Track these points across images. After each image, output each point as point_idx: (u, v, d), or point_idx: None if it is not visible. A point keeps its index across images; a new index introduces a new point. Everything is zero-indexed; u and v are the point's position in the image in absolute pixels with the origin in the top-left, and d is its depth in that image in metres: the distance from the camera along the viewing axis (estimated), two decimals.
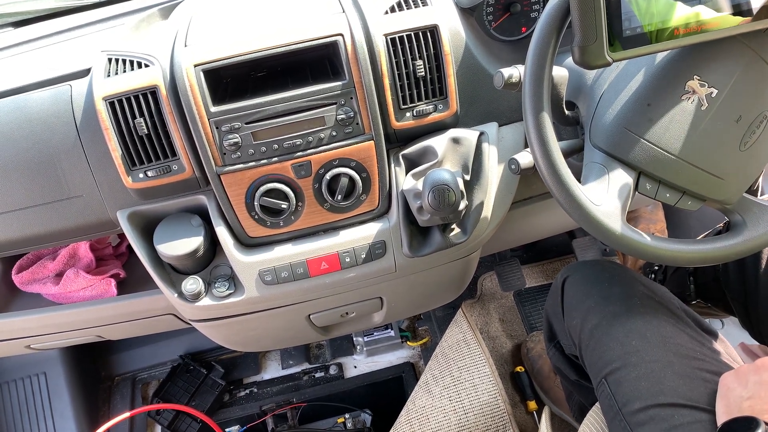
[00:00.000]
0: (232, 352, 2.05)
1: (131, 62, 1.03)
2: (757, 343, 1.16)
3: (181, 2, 1.27)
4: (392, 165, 1.09)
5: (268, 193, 1.05)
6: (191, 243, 1.06)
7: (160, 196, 1.08)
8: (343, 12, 1.03)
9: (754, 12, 0.78)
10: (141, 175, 1.03)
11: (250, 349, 1.38)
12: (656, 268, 1.61)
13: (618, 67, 0.93)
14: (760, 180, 1.08)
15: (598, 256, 1.93)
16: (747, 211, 0.92)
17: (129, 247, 1.39)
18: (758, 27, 0.80)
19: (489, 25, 1.18)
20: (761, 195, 1.63)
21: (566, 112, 1.00)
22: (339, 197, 1.06)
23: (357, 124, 1.03)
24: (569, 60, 1.07)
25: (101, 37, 1.22)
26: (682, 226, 1.88)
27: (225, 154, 1.02)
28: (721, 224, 1.35)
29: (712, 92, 0.85)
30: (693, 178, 0.87)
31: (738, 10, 0.78)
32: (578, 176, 0.88)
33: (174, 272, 1.14)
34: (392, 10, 1.05)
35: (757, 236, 0.90)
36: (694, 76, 0.85)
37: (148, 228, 1.11)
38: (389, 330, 2.01)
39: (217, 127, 1.01)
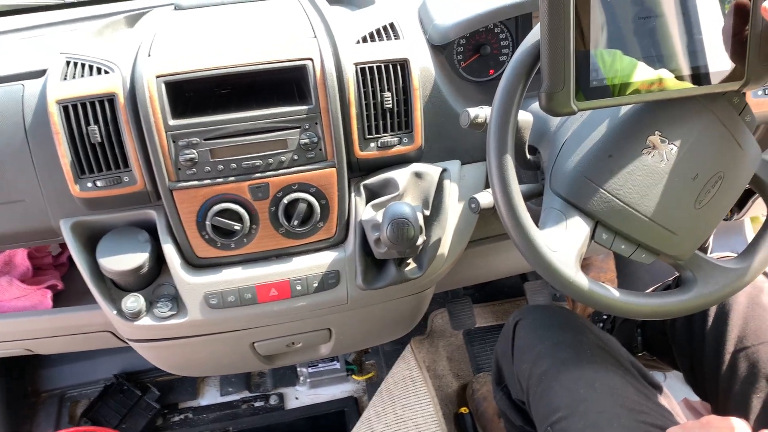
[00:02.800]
0: (169, 374, 1.97)
1: (90, 67, 0.99)
2: (700, 400, 1.17)
3: (149, 11, 1.24)
4: (352, 194, 1.08)
5: (222, 213, 1.01)
6: (136, 259, 1.02)
7: (108, 207, 1.04)
8: (315, 37, 1.02)
9: (712, 80, 0.80)
10: (89, 185, 0.99)
11: (188, 373, 1.33)
12: (605, 317, 1.62)
13: (582, 116, 0.94)
14: (710, 238, 1.10)
15: (549, 301, 1.94)
16: (698, 268, 0.93)
17: (70, 257, 1.33)
18: (716, 90, 0.82)
19: (458, 64, 1.19)
20: (710, 253, 1.68)
21: (528, 156, 1.01)
22: (295, 222, 1.03)
23: (320, 149, 1.02)
24: (534, 105, 1.08)
25: (61, 39, 1.18)
26: (631, 277, 1.91)
27: (180, 169, 0.99)
28: (671, 279, 1.37)
29: (672, 149, 0.87)
30: (648, 231, 0.88)
31: (697, 75, 0.80)
32: (537, 220, 0.88)
33: (115, 288, 1.09)
34: (364, 40, 1.04)
35: (706, 294, 0.91)
36: (656, 132, 0.86)
37: (91, 240, 1.06)
38: (335, 362, 1.97)
39: (174, 141, 0.97)
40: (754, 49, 0.80)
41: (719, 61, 0.80)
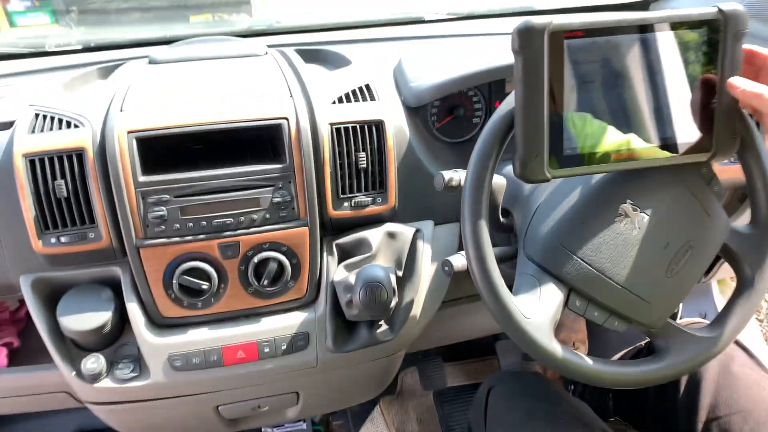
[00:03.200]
0: None
1: (60, 120, 0.97)
2: None
3: (123, 64, 1.23)
4: (324, 253, 1.06)
5: (189, 271, 0.99)
6: (98, 318, 0.98)
7: (71, 264, 1.00)
8: (291, 96, 1.02)
9: (680, 149, 0.82)
10: (53, 240, 0.96)
11: None
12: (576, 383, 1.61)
13: (555, 181, 0.95)
14: (680, 305, 1.10)
15: (520, 360, 1.93)
16: (670, 337, 0.93)
17: (28, 313, 1.28)
18: (685, 161, 0.84)
19: (432, 125, 1.20)
20: (679, 316, 1.68)
21: (501, 219, 1.01)
22: (265, 282, 1.01)
23: (293, 208, 1.00)
24: (508, 168, 1.09)
25: (32, 90, 1.16)
26: (602, 338, 1.91)
27: (148, 226, 0.96)
28: (642, 343, 1.37)
29: (643, 217, 0.87)
30: (621, 299, 0.88)
31: (665, 144, 0.81)
32: (509, 283, 0.88)
33: (75, 347, 1.04)
34: (340, 100, 1.04)
35: (679, 363, 0.90)
36: (627, 200, 0.87)
37: (52, 296, 1.02)
38: (301, 423, 1.91)
39: (143, 198, 0.95)
40: (720, 122, 0.82)
41: (686, 133, 0.82)
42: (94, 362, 1.00)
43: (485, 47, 1.24)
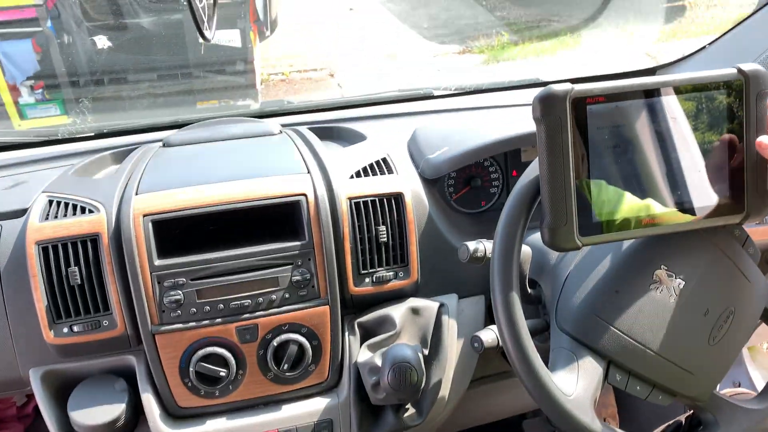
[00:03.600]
0: None
1: (75, 206, 0.96)
2: None
3: (136, 148, 1.22)
4: (346, 333, 1.02)
5: (206, 358, 0.95)
6: (111, 411, 0.93)
7: (84, 354, 0.96)
8: (308, 172, 1.01)
9: (696, 211, 0.79)
10: (65, 330, 0.92)
11: None
12: None
13: (584, 249, 0.92)
14: None
15: None
16: (718, 410, 0.87)
17: (36, 407, 1.22)
18: (717, 224, 0.81)
19: (450, 197, 1.18)
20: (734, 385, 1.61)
21: (528, 290, 0.97)
22: (285, 366, 0.97)
23: (313, 287, 0.97)
24: (532, 237, 1.06)
25: (45, 177, 1.15)
26: (633, 413, 1.82)
27: (164, 311, 0.93)
28: (682, 417, 1.30)
29: (679, 283, 0.84)
30: (663, 371, 0.83)
31: (681, 208, 0.79)
32: (542, 358, 0.83)
33: None
34: (358, 174, 1.03)
35: None
36: (662, 266, 0.84)
37: (62, 390, 0.98)
38: None
39: (159, 282, 0.92)
40: (751, 182, 0.80)
41: (703, 196, 0.79)
42: None
43: (497, 118, 1.24)
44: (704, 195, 0.79)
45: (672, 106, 0.77)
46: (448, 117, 1.40)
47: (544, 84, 1.68)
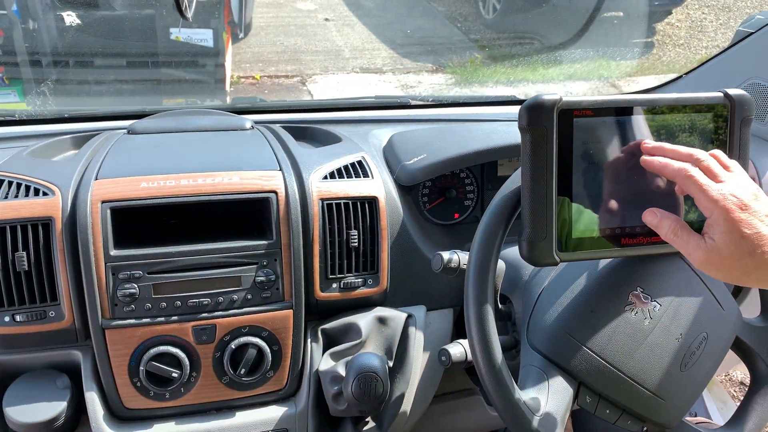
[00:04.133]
0: None
1: (27, 188, 0.90)
2: None
3: (98, 134, 1.16)
4: (308, 340, 0.98)
5: (159, 357, 0.89)
6: (51, 409, 0.87)
7: (25, 346, 0.90)
8: (280, 169, 0.97)
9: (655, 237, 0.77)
10: (7, 319, 0.86)
11: None
12: None
13: (559, 266, 0.90)
14: None
15: None
16: None
17: None
18: None
19: (423, 206, 1.15)
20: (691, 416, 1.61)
21: (499, 305, 0.95)
22: (242, 371, 0.92)
23: (277, 289, 0.93)
24: (506, 251, 1.04)
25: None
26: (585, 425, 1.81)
27: (116, 305, 0.87)
28: None
29: (655, 306, 0.83)
30: (634, 395, 0.82)
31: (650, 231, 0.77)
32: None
33: None
34: (332, 176, 1.00)
35: None
36: (638, 288, 0.83)
37: None
38: None
39: (113, 274, 0.87)
40: None
41: None
42: None
43: (474, 130, 1.22)
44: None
45: (665, 125, 0.76)
46: (425, 126, 1.38)
47: (521, 102, 1.68)
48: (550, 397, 0.79)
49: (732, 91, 0.77)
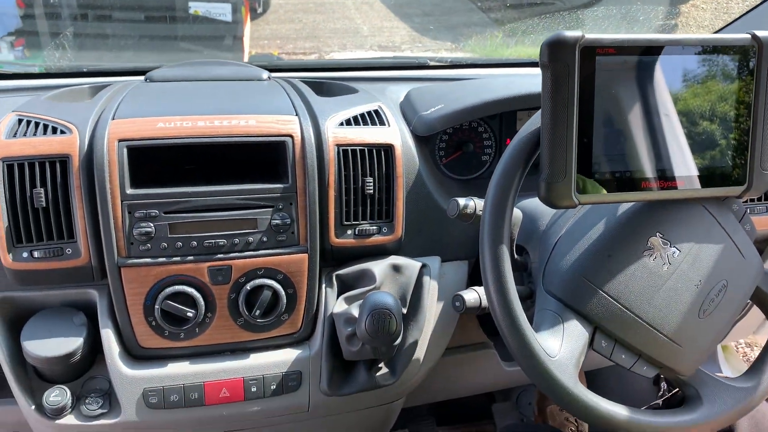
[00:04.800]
0: None
1: (45, 126, 0.90)
2: None
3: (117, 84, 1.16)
4: (323, 285, 0.98)
5: (174, 296, 0.90)
6: (67, 344, 0.88)
7: (43, 283, 0.91)
8: (297, 114, 0.96)
9: (689, 182, 0.76)
10: (25, 255, 0.86)
11: None
12: None
13: (576, 214, 0.89)
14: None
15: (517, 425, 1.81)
16: (703, 385, 0.85)
17: None
18: (716, 194, 0.79)
19: (440, 160, 1.14)
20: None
21: (515, 255, 0.94)
22: (257, 313, 0.92)
23: (292, 233, 0.93)
24: (523, 202, 1.03)
25: (15, 102, 1.09)
26: (602, 391, 1.80)
27: (132, 244, 0.88)
28: (660, 402, 1.28)
29: (674, 252, 0.81)
30: (651, 341, 0.81)
31: (668, 177, 0.76)
32: None
33: (37, 378, 0.93)
34: (348, 122, 0.99)
35: (714, 414, 0.82)
36: (657, 233, 0.81)
37: (17, 320, 0.92)
38: None
39: (129, 212, 0.87)
40: (755, 155, 0.78)
41: (698, 168, 0.77)
42: (58, 395, 0.88)
43: (492, 82, 1.21)
44: (691, 165, 0.76)
45: (687, 66, 0.74)
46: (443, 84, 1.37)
47: None
48: (565, 340, 0.79)
49: (761, 33, 0.75)
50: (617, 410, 0.78)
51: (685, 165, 0.76)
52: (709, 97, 0.76)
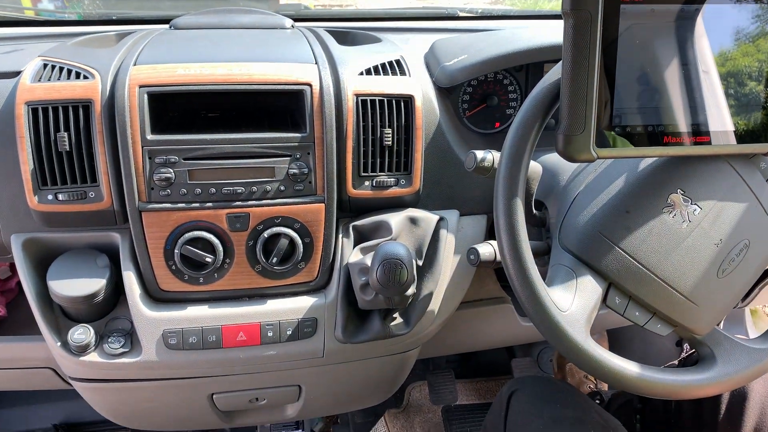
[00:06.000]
0: (116, 427, 1.79)
1: (69, 71, 0.91)
2: None
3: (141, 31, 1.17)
4: (340, 235, 0.98)
5: (193, 242, 0.91)
6: (91, 285, 0.91)
7: (67, 225, 0.93)
8: (316, 63, 0.95)
9: (716, 137, 0.74)
10: (50, 197, 0.89)
11: (135, 425, 1.17)
12: (597, 400, 1.50)
13: (596, 169, 0.88)
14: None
15: None
16: (718, 345, 0.84)
17: (19, 283, 1.20)
18: (745, 151, 0.76)
19: (463, 113, 1.13)
20: None
21: (534, 210, 0.93)
22: (274, 260, 0.93)
23: (310, 182, 0.93)
24: (544, 157, 1.02)
25: (43, 48, 1.10)
26: (623, 351, 1.80)
27: (153, 189, 0.89)
28: (675, 362, 1.27)
29: (695, 209, 0.79)
30: (666, 299, 0.80)
31: (698, 132, 0.73)
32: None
33: (63, 317, 0.96)
34: (368, 72, 0.98)
35: (729, 374, 0.81)
36: (678, 190, 0.79)
37: (44, 261, 0.95)
38: (300, 431, 1.81)
39: (150, 158, 0.88)
40: None
41: (726, 122, 0.74)
42: (82, 333, 0.92)
43: (519, 33, 1.17)
44: (727, 122, 0.74)
45: (719, 18, 0.71)
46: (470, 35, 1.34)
47: None
48: (578, 295, 0.78)
49: None
50: (628, 366, 0.78)
51: (721, 121, 0.74)
52: (759, 56, 0.73)
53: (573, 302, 0.77)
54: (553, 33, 1.08)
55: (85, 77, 0.90)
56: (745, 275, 0.82)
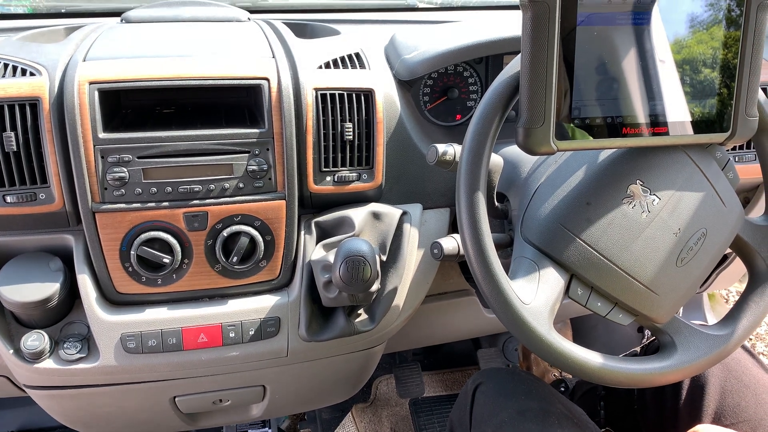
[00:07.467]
0: None
1: (14, 68, 0.87)
2: None
3: (92, 25, 1.13)
4: (302, 231, 0.97)
5: (150, 242, 0.89)
6: (44, 289, 0.87)
7: (18, 228, 0.90)
8: (274, 57, 0.93)
9: (673, 128, 0.75)
10: None
11: (94, 431, 1.14)
12: (562, 388, 1.52)
13: (557, 161, 0.88)
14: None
15: None
16: (678, 332, 0.85)
17: None
18: (700, 141, 0.77)
19: (424, 106, 1.12)
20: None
21: (496, 203, 0.93)
22: (234, 259, 0.91)
23: (269, 179, 0.91)
24: (505, 149, 1.02)
25: None
26: (586, 340, 1.83)
27: (106, 189, 0.86)
28: (637, 349, 1.29)
29: (654, 200, 0.80)
30: (627, 289, 0.80)
31: (656, 123, 0.74)
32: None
33: (15, 323, 0.93)
34: (327, 66, 0.96)
35: (688, 361, 0.83)
36: (637, 181, 0.80)
37: None
38: (267, 429, 1.79)
39: (102, 157, 0.86)
40: (740, 101, 0.76)
41: (682, 113, 0.75)
42: (35, 339, 0.88)
43: (481, 27, 1.17)
44: (684, 112, 0.74)
45: (674, 10, 0.72)
46: (430, 27, 1.33)
47: None
48: (540, 287, 0.78)
49: None
50: (591, 357, 0.78)
51: (678, 111, 0.74)
52: (712, 44, 0.74)
53: (536, 294, 0.77)
54: (513, 24, 1.08)
55: (32, 74, 0.86)
56: (703, 263, 0.84)
